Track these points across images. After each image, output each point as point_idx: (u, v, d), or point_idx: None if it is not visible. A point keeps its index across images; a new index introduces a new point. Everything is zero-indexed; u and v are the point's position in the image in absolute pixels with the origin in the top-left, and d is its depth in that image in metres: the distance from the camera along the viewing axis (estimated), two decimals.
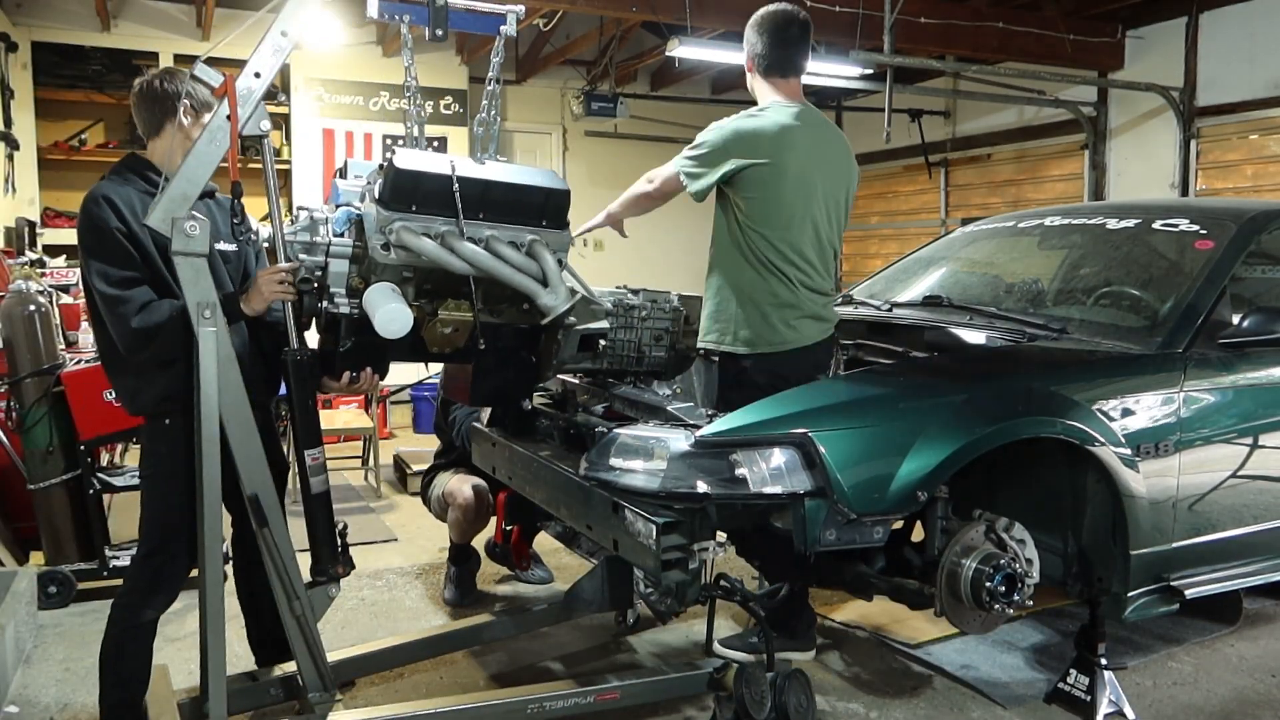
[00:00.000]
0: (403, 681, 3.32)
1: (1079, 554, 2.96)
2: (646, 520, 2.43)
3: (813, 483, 2.44)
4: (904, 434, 2.53)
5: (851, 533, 2.46)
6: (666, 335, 3.11)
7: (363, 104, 8.43)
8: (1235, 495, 3.10)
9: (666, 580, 2.48)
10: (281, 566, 2.52)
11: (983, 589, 2.55)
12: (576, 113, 9.38)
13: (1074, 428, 2.69)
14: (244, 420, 2.44)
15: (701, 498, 2.47)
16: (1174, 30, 7.66)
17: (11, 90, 7.16)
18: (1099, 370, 2.93)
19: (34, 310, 3.96)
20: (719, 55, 7.09)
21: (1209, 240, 3.29)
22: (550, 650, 3.61)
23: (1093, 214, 3.86)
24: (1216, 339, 3.05)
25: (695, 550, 2.49)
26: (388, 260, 2.54)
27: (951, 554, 2.59)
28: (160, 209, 2.28)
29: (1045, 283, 3.81)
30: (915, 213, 10.19)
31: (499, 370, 2.92)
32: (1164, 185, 7.71)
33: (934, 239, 4.78)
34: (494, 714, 2.69)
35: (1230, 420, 3.08)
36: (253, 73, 2.34)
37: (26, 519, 4.10)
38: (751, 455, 2.49)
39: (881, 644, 3.65)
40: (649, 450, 2.58)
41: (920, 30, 7.06)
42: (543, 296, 2.67)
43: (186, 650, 3.49)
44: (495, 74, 2.81)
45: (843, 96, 10.16)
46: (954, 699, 3.23)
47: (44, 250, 6.87)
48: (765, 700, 2.73)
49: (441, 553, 4.78)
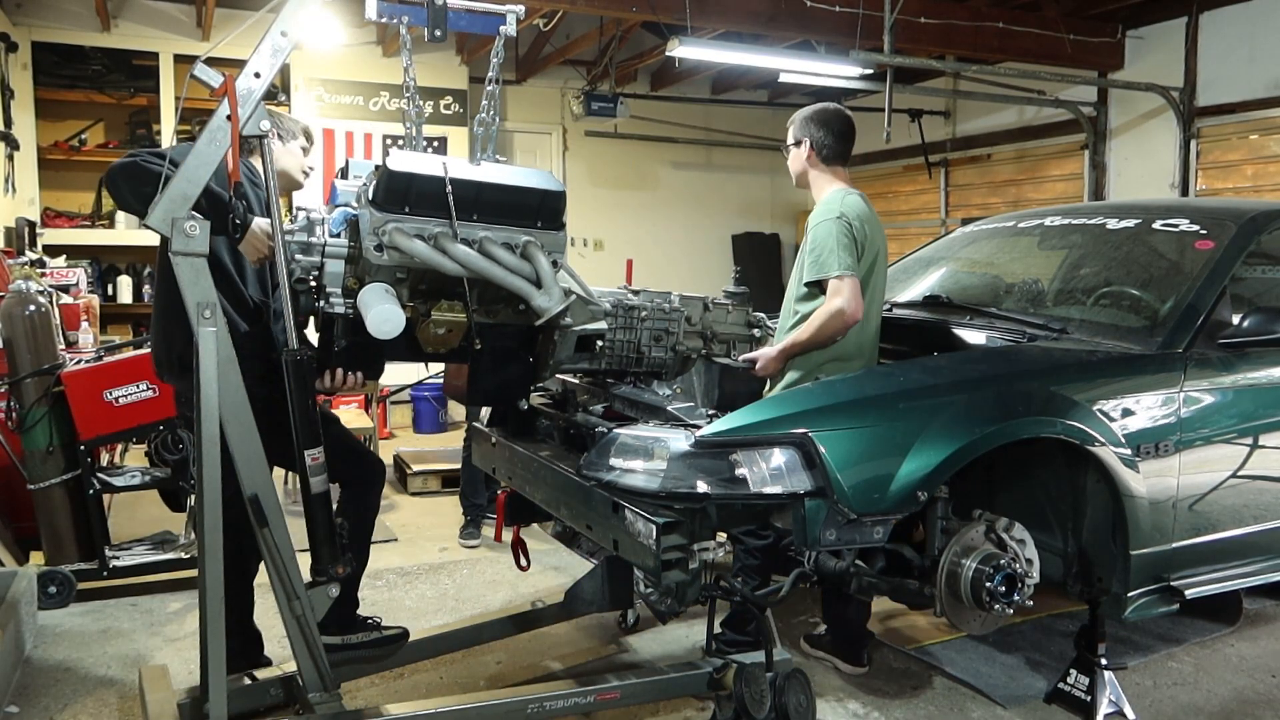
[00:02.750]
0: (403, 681, 3.32)
1: (1079, 554, 2.96)
2: (646, 520, 2.43)
3: (813, 483, 2.44)
4: (904, 434, 2.53)
5: (852, 533, 2.46)
6: (667, 336, 3.11)
7: (363, 104, 8.43)
8: (1235, 495, 3.10)
9: (666, 580, 2.48)
10: (281, 566, 2.52)
11: (983, 589, 2.54)
12: (576, 113, 9.37)
13: (1074, 428, 2.69)
14: (244, 420, 2.44)
15: (701, 498, 2.47)
16: (1174, 30, 7.65)
17: (11, 90, 7.16)
18: (1099, 370, 2.93)
19: (34, 310, 3.96)
20: (719, 55, 7.09)
21: (1209, 240, 3.29)
22: (550, 650, 3.61)
23: (1093, 214, 3.85)
24: (1217, 339, 3.05)
25: (695, 550, 2.49)
26: (381, 261, 2.55)
27: (951, 554, 2.59)
28: (160, 209, 2.28)
29: (1045, 283, 3.81)
30: (915, 213, 10.19)
31: (496, 370, 2.92)
32: (1164, 185, 7.71)
33: (934, 239, 4.78)
34: (494, 714, 2.68)
35: (1230, 420, 3.07)
36: (253, 73, 2.35)
37: (26, 519, 4.10)
38: (751, 455, 2.49)
39: (882, 644, 3.65)
40: (649, 450, 2.58)
41: (920, 30, 7.06)
42: (536, 298, 2.67)
43: (186, 650, 3.50)
44: (495, 74, 2.81)
45: (843, 96, 10.16)
46: (954, 699, 3.24)
47: (44, 250, 6.87)
48: (765, 700, 2.73)
49: (441, 553, 4.78)
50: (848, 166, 3.31)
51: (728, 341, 3.23)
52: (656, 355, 3.10)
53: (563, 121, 9.83)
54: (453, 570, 4.53)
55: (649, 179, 10.37)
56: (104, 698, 3.21)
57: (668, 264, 9.67)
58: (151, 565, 4.11)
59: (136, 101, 7.93)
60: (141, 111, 8.05)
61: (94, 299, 6.32)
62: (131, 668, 3.37)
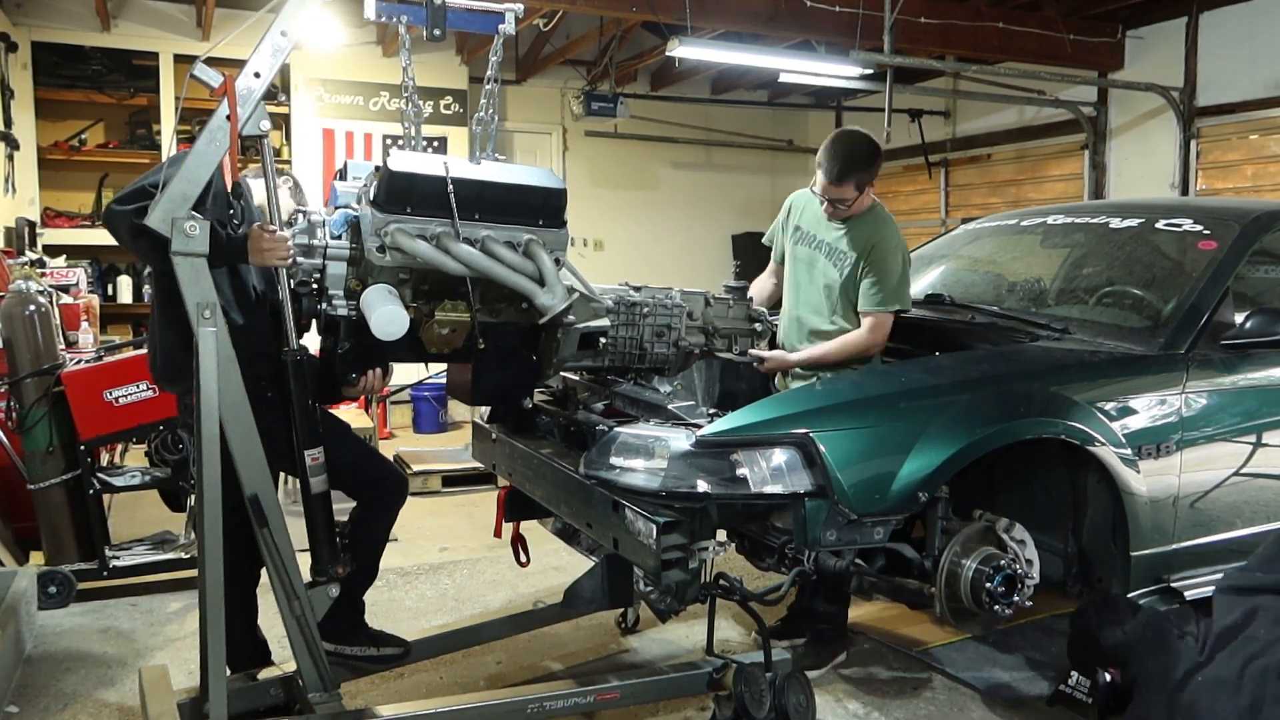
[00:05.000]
0: (403, 681, 3.32)
1: (1079, 554, 2.96)
2: (647, 520, 2.43)
3: (813, 483, 2.44)
4: (905, 434, 2.53)
5: (852, 533, 2.46)
6: (669, 331, 3.11)
7: (363, 104, 8.42)
8: (1236, 496, 3.09)
9: (666, 580, 2.48)
10: (281, 566, 2.52)
11: (982, 590, 2.54)
12: (576, 113, 9.37)
13: (1075, 428, 2.68)
14: (244, 420, 2.44)
15: (702, 497, 2.47)
16: (1174, 30, 7.65)
17: (11, 90, 7.15)
18: (1101, 371, 2.93)
19: (34, 310, 3.96)
20: (719, 55, 7.09)
21: (1212, 241, 3.28)
22: (550, 650, 3.61)
23: (1095, 213, 3.85)
24: (1219, 340, 3.04)
25: (695, 550, 2.49)
26: (383, 263, 2.54)
27: (951, 554, 2.59)
28: (160, 209, 2.28)
29: (1047, 281, 3.80)
30: (915, 213, 10.18)
31: (499, 369, 2.92)
32: (1164, 185, 7.71)
33: (934, 238, 4.78)
34: (494, 714, 2.68)
35: (1232, 421, 3.07)
36: (252, 73, 2.34)
37: (26, 519, 4.09)
38: (752, 455, 2.49)
39: (882, 645, 3.65)
40: (649, 449, 2.58)
41: (920, 30, 7.06)
42: (540, 296, 2.67)
43: (186, 650, 3.49)
44: (494, 73, 2.81)
45: (843, 96, 10.16)
46: (955, 699, 3.23)
47: (44, 250, 6.87)
48: (764, 700, 2.73)
49: (442, 552, 4.78)
50: None
51: (729, 336, 3.22)
52: (659, 351, 3.10)
53: (563, 121, 9.83)
54: (453, 570, 4.53)
55: (649, 179, 10.36)
56: (104, 698, 3.21)
57: (668, 264, 9.65)
58: (151, 565, 4.10)
59: (136, 101, 7.92)
60: (141, 111, 8.04)
61: (94, 299, 6.32)
62: (131, 668, 3.36)
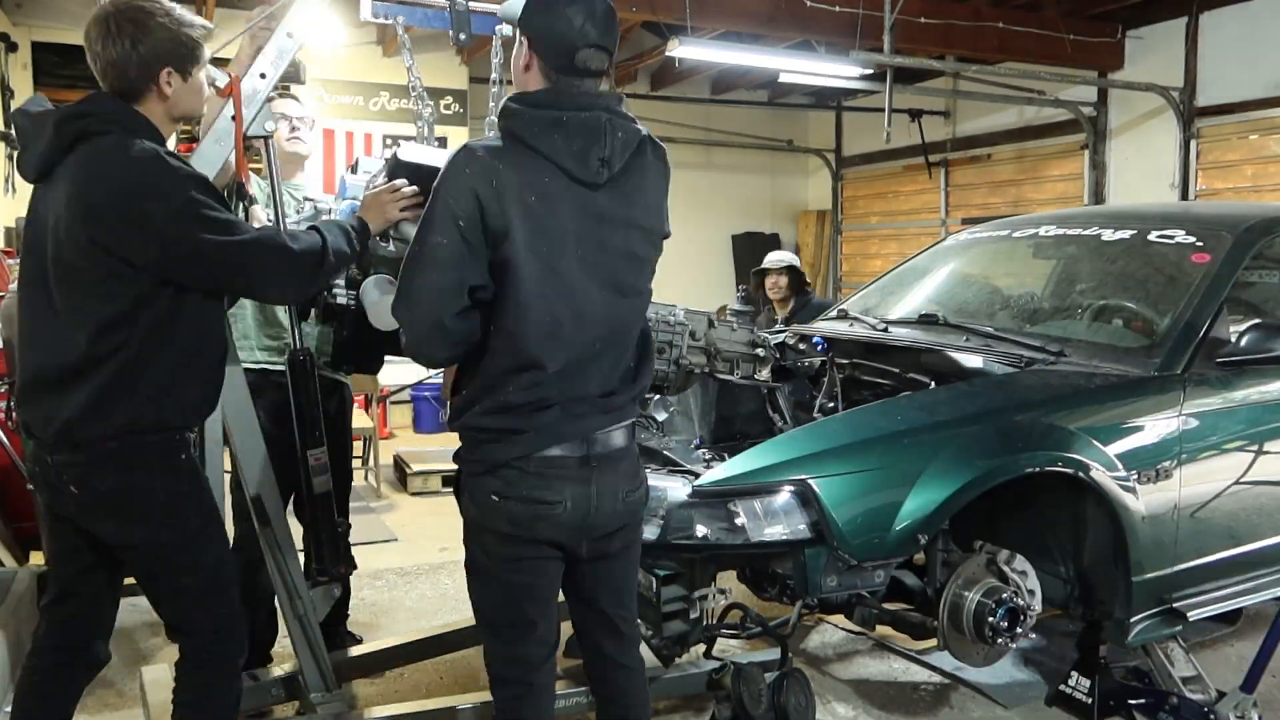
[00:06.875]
0: (403, 681, 3.32)
1: (1080, 578, 2.93)
2: (646, 573, 2.45)
3: (812, 530, 2.42)
4: (903, 477, 2.49)
5: (853, 578, 2.45)
6: (670, 349, 3.07)
7: (363, 104, 8.43)
8: (1236, 512, 3.05)
9: (668, 631, 2.50)
10: (284, 566, 2.52)
11: (985, 623, 2.53)
12: None
13: (1072, 459, 2.64)
14: (245, 420, 2.44)
15: (701, 548, 2.46)
16: (1174, 30, 7.66)
17: (11, 90, 7.16)
18: (1097, 398, 2.87)
19: None
20: (719, 55, 7.09)
21: (1205, 254, 3.24)
22: None
23: (1088, 223, 3.73)
24: (1215, 358, 2.99)
25: (695, 599, 2.51)
26: (385, 253, 2.54)
27: (954, 587, 2.58)
28: None
29: (1041, 296, 3.74)
30: (915, 213, 10.20)
31: None
32: (1164, 185, 7.71)
33: (935, 241, 4.74)
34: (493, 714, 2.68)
35: (1229, 439, 3.03)
36: (258, 74, 2.35)
37: (26, 519, 4.08)
38: (750, 504, 2.46)
39: (882, 645, 3.65)
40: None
41: (920, 30, 7.07)
42: None
43: None
44: (498, 74, 2.82)
45: (842, 96, 10.17)
46: (955, 700, 3.24)
47: None
48: (762, 699, 2.73)
49: (441, 553, 4.78)
50: (847, 167, 3.25)
51: (732, 360, 3.18)
52: (659, 368, 3.06)
53: None
54: (453, 570, 4.52)
55: None
56: (104, 698, 3.21)
57: (668, 263, 9.54)
58: None
59: None
60: None
61: None
62: (131, 668, 3.36)
